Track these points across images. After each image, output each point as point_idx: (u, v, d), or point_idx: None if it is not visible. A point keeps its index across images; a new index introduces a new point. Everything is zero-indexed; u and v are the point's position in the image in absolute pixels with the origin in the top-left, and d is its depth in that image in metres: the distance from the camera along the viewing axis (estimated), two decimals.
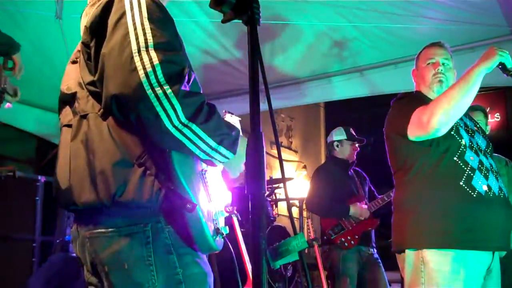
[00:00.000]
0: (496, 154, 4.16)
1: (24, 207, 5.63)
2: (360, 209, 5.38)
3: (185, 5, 4.75)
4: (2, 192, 4.09)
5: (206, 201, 1.93)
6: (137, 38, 1.79)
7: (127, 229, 1.85)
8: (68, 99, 2.04)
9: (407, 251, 3.02)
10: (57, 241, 5.52)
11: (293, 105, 6.75)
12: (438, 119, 2.89)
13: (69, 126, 2.00)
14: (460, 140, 3.05)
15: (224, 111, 2.42)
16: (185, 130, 1.78)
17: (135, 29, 1.81)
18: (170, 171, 1.81)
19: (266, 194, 7.40)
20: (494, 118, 10.14)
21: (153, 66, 1.75)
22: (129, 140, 1.85)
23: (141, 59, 1.76)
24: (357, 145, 5.73)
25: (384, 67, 5.67)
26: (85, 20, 2.03)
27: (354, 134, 5.77)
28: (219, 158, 1.92)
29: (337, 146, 5.75)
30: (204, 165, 1.97)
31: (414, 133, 3.01)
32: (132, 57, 1.76)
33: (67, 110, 2.05)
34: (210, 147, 1.85)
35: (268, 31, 5.20)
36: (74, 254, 2.13)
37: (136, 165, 1.82)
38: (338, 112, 10.85)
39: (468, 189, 2.94)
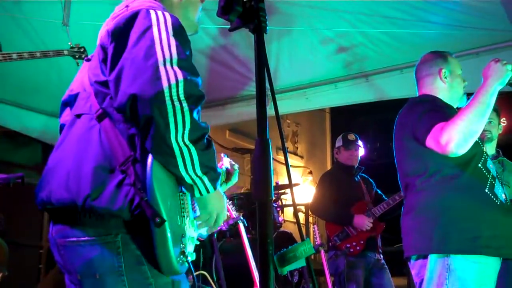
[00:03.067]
0: None
1: (32, 213, 5.65)
2: (362, 222, 5.35)
3: None
4: (10, 198, 4.11)
5: (176, 222, 1.91)
6: (162, 51, 1.83)
7: (98, 239, 1.86)
8: (70, 101, 2.07)
9: (430, 256, 2.99)
10: None
11: (298, 110, 6.75)
12: (456, 144, 2.86)
13: (64, 126, 2.04)
14: (483, 147, 3.09)
15: (222, 155, 2.48)
16: (184, 149, 1.80)
17: (161, 41, 1.85)
18: (147, 181, 1.81)
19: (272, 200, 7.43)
20: (501, 123, 10.09)
21: (177, 81, 1.78)
22: (117, 146, 1.87)
23: (167, 71, 1.79)
24: (355, 151, 5.73)
25: (389, 72, 5.66)
26: (104, 29, 2.05)
27: (352, 139, 5.77)
28: (200, 187, 1.91)
29: (336, 153, 5.90)
30: (183, 189, 1.96)
31: (431, 147, 2.96)
32: (157, 67, 1.80)
33: (67, 111, 2.09)
34: (196, 173, 1.85)
35: (274, 36, 5.21)
36: None
37: (118, 171, 1.85)
38: (344, 118, 10.84)
39: (492, 197, 2.99)
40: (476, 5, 4.49)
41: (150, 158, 1.82)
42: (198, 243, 2.10)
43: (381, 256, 5.46)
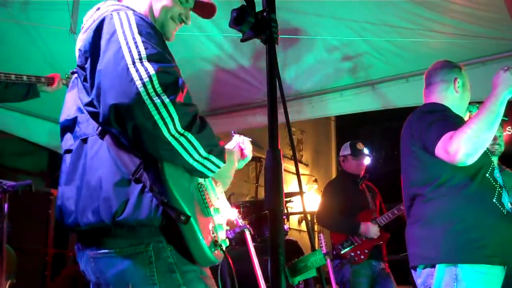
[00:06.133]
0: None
1: (37, 220, 5.65)
2: (369, 230, 5.35)
3: (196, 20, 4.78)
4: (16, 205, 4.12)
5: (202, 214, 1.95)
6: (130, 51, 1.84)
7: (129, 250, 1.89)
8: (69, 125, 2.09)
9: (438, 266, 2.99)
10: (70, 254, 5.55)
11: (304, 118, 6.76)
12: (465, 153, 2.84)
13: (70, 151, 2.05)
14: (491, 157, 3.08)
15: (232, 132, 2.48)
16: (181, 139, 1.82)
17: (127, 43, 1.86)
18: (162, 183, 1.84)
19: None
20: (506, 132, 10.05)
21: (149, 76, 1.79)
22: (125, 156, 1.89)
23: (137, 70, 1.80)
24: (363, 160, 5.73)
25: (395, 81, 5.67)
26: (79, 45, 2.08)
27: (361, 148, 5.76)
28: (211, 166, 1.95)
29: (343, 161, 5.86)
30: (200, 179, 2.00)
31: (440, 156, 2.94)
32: (128, 69, 1.80)
33: (67, 136, 2.10)
34: (202, 156, 1.89)
35: (279, 45, 5.21)
36: None
37: (133, 181, 1.86)
38: (349, 126, 10.83)
39: (499, 206, 3.00)
40: (482, 14, 4.49)
41: (159, 159, 1.85)
42: (228, 228, 2.15)
43: (386, 265, 5.46)
